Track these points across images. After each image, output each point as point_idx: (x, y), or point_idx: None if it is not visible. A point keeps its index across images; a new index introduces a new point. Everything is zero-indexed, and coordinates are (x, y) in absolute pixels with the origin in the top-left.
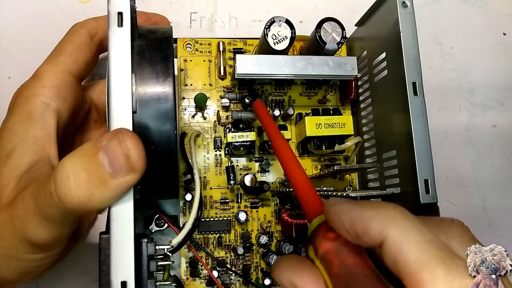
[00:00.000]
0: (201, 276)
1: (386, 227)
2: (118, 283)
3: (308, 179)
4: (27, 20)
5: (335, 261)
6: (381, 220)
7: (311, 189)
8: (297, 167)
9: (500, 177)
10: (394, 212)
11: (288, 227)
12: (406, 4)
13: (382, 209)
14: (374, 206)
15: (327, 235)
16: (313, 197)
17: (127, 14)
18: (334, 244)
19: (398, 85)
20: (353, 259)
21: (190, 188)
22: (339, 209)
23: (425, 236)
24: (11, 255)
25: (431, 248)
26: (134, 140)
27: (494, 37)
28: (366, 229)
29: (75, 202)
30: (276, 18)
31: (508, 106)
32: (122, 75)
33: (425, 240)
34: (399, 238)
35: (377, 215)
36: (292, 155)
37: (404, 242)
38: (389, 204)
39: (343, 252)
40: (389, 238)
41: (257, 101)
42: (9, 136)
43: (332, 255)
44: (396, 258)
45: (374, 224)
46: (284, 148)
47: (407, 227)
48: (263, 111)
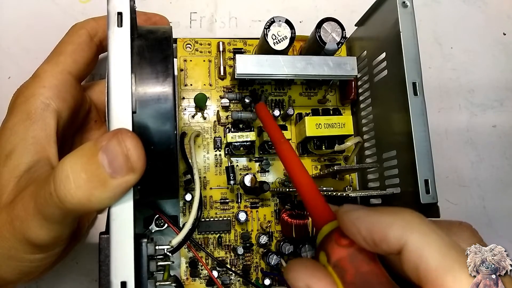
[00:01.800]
0: (201, 276)
1: (405, 233)
2: (118, 283)
3: (315, 185)
4: (27, 20)
5: (349, 269)
6: (400, 226)
7: (319, 195)
8: (304, 173)
9: (500, 177)
10: (411, 218)
11: (288, 227)
12: (406, 4)
13: (400, 214)
14: (391, 212)
15: (341, 242)
16: (321, 204)
17: (126, 14)
18: (348, 251)
19: (398, 85)
20: (368, 266)
21: (190, 188)
22: (354, 216)
23: (445, 240)
24: (11, 256)
25: (452, 252)
26: (133, 140)
27: (494, 37)
28: (385, 236)
29: (74, 202)
30: (276, 18)
31: (508, 106)
32: (121, 75)
33: (445, 244)
34: (419, 244)
35: (395, 220)
36: (298, 161)
37: (425, 247)
38: (405, 210)
39: (358, 259)
40: (409, 244)
41: (260, 104)
42: (9, 136)
43: (346, 262)
44: (417, 264)
45: (393, 231)
46: (289, 153)
47: (426, 232)
48: (266, 115)
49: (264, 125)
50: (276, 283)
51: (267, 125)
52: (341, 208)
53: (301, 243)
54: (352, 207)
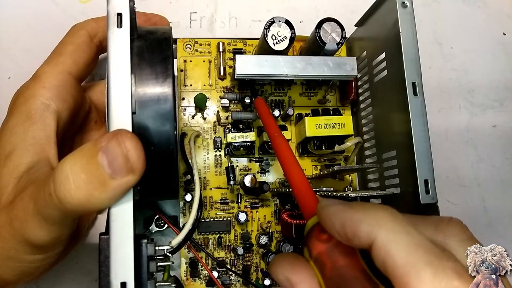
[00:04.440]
0: (201, 276)
1: (374, 230)
2: (117, 284)
3: (306, 179)
4: (27, 20)
5: (328, 263)
6: (370, 223)
7: (309, 189)
8: (296, 167)
9: (500, 177)
10: (383, 215)
11: (288, 228)
12: (405, 4)
13: (372, 211)
14: (364, 208)
15: (320, 237)
16: (310, 198)
17: (126, 15)
18: (326, 245)
19: (398, 85)
20: (344, 260)
21: (190, 189)
22: (330, 211)
23: (414, 238)
24: (11, 256)
25: (419, 250)
26: (133, 141)
27: (494, 37)
28: (356, 231)
29: (74, 203)
30: (276, 18)
31: (508, 106)
32: (121, 76)
33: (413, 242)
34: (387, 241)
35: (366, 217)
36: (291, 155)
37: (392, 245)
38: (379, 206)
39: (335, 253)
40: (378, 240)
41: (258, 99)
42: (9, 137)
43: (324, 256)
44: (384, 260)
45: (363, 227)
46: (283, 147)
47: (396, 230)
48: (264, 109)
49: (261, 119)
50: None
51: (264, 119)
52: (319, 203)
53: (301, 243)
54: (330, 202)
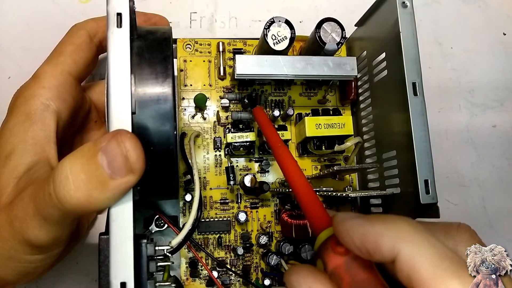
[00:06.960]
0: (201, 276)
1: (397, 243)
2: (117, 284)
3: (313, 191)
4: (27, 20)
5: (345, 277)
6: (392, 236)
7: (317, 201)
8: (301, 178)
9: (500, 177)
10: (404, 227)
11: (288, 228)
12: (406, 4)
13: (392, 224)
14: (383, 221)
15: (336, 250)
16: (319, 210)
17: (126, 15)
18: (344, 259)
19: (398, 85)
20: (364, 274)
21: (189, 189)
22: (348, 226)
23: (438, 249)
24: (10, 256)
25: (445, 262)
26: (133, 141)
27: (494, 37)
28: (377, 246)
29: (74, 203)
30: (276, 18)
31: (508, 106)
32: (121, 76)
33: (438, 254)
34: (411, 254)
35: (387, 230)
36: (295, 166)
37: (417, 258)
38: (399, 218)
39: (354, 267)
40: (401, 254)
41: (257, 108)
42: (9, 137)
43: (342, 270)
44: (410, 274)
45: (385, 241)
46: (286, 158)
47: (419, 242)
48: (263, 119)
49: (262, 129)
50: (276, 283)
51: (264, 129)
52: (335, 217)
53: (301, 243)
54: (347, 215)
